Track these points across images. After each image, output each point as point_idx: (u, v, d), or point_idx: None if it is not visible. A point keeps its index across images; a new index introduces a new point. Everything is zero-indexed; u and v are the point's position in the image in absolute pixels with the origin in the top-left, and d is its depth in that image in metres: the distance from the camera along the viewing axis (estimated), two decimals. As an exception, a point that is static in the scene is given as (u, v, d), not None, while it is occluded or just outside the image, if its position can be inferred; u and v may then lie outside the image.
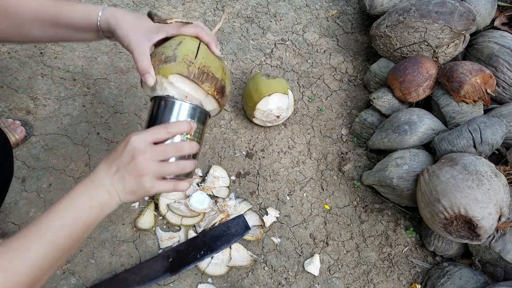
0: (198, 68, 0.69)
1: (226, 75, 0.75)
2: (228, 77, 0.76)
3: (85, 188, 0.62)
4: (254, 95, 1.30)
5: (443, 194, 1.01)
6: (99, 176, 0.63)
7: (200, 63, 0.69)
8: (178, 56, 0.68)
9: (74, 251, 0.72)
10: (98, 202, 0.62)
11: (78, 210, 0.60)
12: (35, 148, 1.25)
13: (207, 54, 0.72)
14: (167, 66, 0.68)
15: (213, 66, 0.71)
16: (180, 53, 0.68)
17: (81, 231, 0.61)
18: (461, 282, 1.07)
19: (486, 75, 1.22)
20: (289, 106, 1.34)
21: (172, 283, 1.07)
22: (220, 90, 0.72)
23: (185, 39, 0.71)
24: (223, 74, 0.73)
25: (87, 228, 0.62)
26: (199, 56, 0.70)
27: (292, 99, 1.35)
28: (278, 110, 1.30)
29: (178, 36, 0.72)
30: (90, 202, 0.61)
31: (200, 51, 0.70)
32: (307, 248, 1.19)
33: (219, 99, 0.73)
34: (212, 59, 0.72)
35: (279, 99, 1.29)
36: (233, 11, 1.76)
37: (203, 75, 0.69)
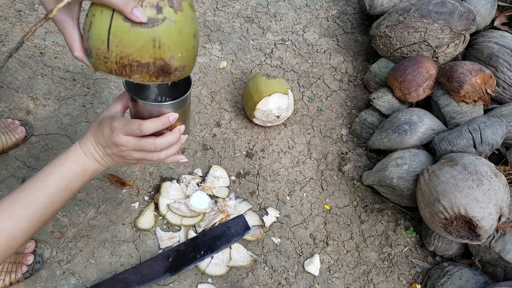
0: (116, 63, 0.55)
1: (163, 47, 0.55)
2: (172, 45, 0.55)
3: (77, 158, 0.70)
4: (254, 95, 1.30)
5: (443, 194, 1.01)
6: (89, 149, 0.71)
7: (116, 55, 0.54)
8: (92, 50, 0.56)
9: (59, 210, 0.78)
10: (91, 171, 0.71)
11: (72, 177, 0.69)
12: (35, 148, 1.25)
13: (124, 32, 0.53)
14: (90, 60, 0.59)
15: (135, 50, 0.54)
16: (92, 46, 0.55)
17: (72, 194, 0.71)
18: (461, 282, 1.07)
19: (486, 75, 1.23)
20: (289, 106, 1.34)
21: (172, 283, 1.07)
22: (159, 72, 0.57)
23: (94, 16, 0.54)
24: (156, 51, 0.54)
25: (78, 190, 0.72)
26: (112, 44, 0.53)
27: (292, 99, 1.35)
28: (278, 110, 1.30)
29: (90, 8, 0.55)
30: (84, 174, 0.70)
31: (112, 35, 0.53)
32: (307, 248, 1.19)
33: (166, 79, 0.59)
34: (133, 36, 0.53)
35: (279, 99, 1.29)
36: (233, 11, 1.76)
37: (125, 68, 0.55)
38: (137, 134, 0.66)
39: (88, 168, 0.70)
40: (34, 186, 0.67)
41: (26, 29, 1.51)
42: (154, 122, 0.65)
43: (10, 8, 1.55)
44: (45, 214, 0.67)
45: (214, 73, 1.55)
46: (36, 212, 0.66)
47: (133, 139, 0.67)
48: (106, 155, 0.71)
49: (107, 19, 0.52)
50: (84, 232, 1.12)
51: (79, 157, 0.70)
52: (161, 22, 0.53)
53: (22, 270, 1.00)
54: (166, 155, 0.71)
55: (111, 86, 1.44)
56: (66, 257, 1.08)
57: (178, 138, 0.70)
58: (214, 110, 1.45)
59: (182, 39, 0.56)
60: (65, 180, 0.68)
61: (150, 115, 0.66)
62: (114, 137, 0.67)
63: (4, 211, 0.64)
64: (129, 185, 1.22)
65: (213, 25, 1.70)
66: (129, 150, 0.68)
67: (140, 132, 0.65)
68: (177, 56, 0.57)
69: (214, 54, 1.61)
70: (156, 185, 1.24)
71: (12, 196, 0.65)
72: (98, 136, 0.69)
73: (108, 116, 0.70)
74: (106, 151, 0.70)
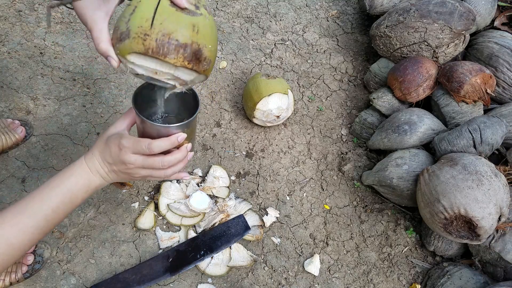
0: (155, 40, 0.57)
1: (200, 34, 0.60)
2: (206, 35, 0.61)
3: (83, 173, 0.71)
4: (254, 95, 1.30)
5: (443, 194, 1.01)
6: (95, 165, 0.71)
7: (158, 31, 0.57)
8: (131, 30, 0.58)
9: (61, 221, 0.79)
10: (95, 186, 0.72)
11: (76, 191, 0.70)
12: (35, 148, 1.25)
13: (170, 14, 0.58)
14: (122, 45, 0.59)
15: (177, 29, 0.58)
16: (133, 26, 0.58)
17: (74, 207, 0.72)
18: (461, 282, 1.07)
19: (486, 75, 1.22)
20: (289, 106, 1.34)
21: (172, 283, 1.07)
22: (193, 56, 0.60)
23: (140, 2, 0.59)
24: (194, 35, 0.59)
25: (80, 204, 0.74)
26: (156, 22, 0.57)
27: (292, 99, 1.35)
28: (278, 110, 1.30)
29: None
30: (88, 188, 0.71)
31: (158, 14, 0.57)
32: (307, 248, 1.19)
33: (195, 67, 0.61)
34: (177, 18, 0.58)
35: (279, 99, 1.29)
36: (233, 11, 1.76)
37: (163, 47, 0.58)
38: (146, 153, 0.68)
39: (93, 183, 0.72)
40: (40, 198, 0.68)
41: (26, 29, 1.51)
42: (163, 141, 0.67)
43: (10, 8, 1.55)
44: (47, 226, 0.68)
45: (214, 73, 1.55)
46: (39, 223, 0.67)
47: (141, 157, 0.68)
48: (111, 171, 0.72)
49: (154, 2, 0.58)
50: (84, 232, 1.12)
51: (85, 173, 0.71)
52: (199, 15, 0.61)
53: (22, 270, 1.00)
54: (173, 172, 0.73)
55: (111, 86, 1.44)
56: (66, 257, 1.08)
57: (185, 156, 0.72)
58: (214, 110, 1.45)
59: (212, 35, 0.63)
60: (69, 194, 0.69)
61: (159, 134, 0.68)
62: (122, 155, 0.68)
63: (9, 221, 0.65)
64: (129, 185, 1.22)
65: (213, 25, 1.70)
66: (137, 168, 0.70)
67: (149, 152, 0.67)
68: (208, 47, 0.62)
69: (214, 54, 1.60)
70: (156, 185, 1.24)
71: (17, 206, 0.66)
72: (105, 153, 0.70)
73: (116, 134, 0.71)
74: (112, 167, 0.71)
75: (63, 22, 1.56)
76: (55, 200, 0.68)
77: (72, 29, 1.55)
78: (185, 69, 0.61)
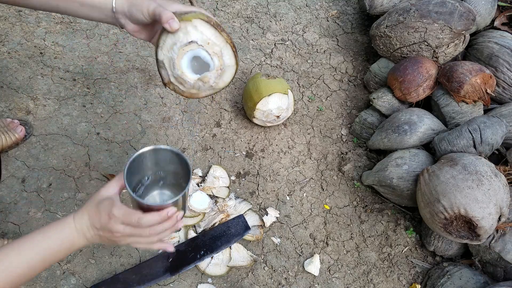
0: (215, 21, 0.73)
1: None
2: None
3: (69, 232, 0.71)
4: (254, 95, 1.30)
5: (443, 194, 1.01)
6: (82, 228, 0.72)
7: (215, 20, 0.74)
8: (197, 12, 0.73)
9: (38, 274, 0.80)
10: (77, 247, 0.73)
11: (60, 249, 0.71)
12: (35, 148, 1.25)
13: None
14: (189, 14, 0.73)
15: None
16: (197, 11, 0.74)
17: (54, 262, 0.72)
18: (461, 282, 1.07)
19: (486, 75, 1.22)
20: (289, 106, 1.34)
21: (172, 283, 1.07)
22: (234, 44, 0.76)
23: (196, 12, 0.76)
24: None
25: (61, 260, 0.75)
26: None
27: (292, 99, 1.35)
28: (278, 110, 1.30)
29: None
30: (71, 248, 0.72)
31: None
32: (307, 248, 1.19)
33: (235, 53, 0.76)
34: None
35: (279, 99, 1.29)
36: (233, 11, 1.76)
37: (220, 26, 0.74)
38: (135, 226, 0.69)
39: (77, 243, 0.72)
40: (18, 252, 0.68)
41: (26, 29, 1.51)
42: (154, 217, 0.69)
43: (10, 8, 1.55)
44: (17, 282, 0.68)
45: (214, 73, 1.55)
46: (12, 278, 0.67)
47: (130, 227, 0.69)
48: (97, 235, 0.72)
49: None
50: (84, 232, 1.12)
51: (71, 233, 0.71)
52: None
53: (22, 270, 1.00)
54: (158, 239, 0.74)
55: (111, 86, 1.44)
56: (66, 257, 1.08)
57: (173, 225, 0.72)
58: (214, 110, 1.45)
59: None
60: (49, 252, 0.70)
61: (150, 209, 0.70)
62: (111, 224, 0.69)
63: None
64: (129, 185, 1.22)
65: (213, 25, 1.70)
66: (123, 236, 0.71)
67: (138, 225, 0.68)
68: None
69: (214, 54, 1.60)
70: (156, 185, 1.24)
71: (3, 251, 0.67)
72: (94, 218, 0.71)
73: (108, 199, 0.71)
74: (98, 232, 0.72)
75: (63, 22, 1.56)
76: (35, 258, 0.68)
77: (72, 29, 1.55)
78: (230, 49, 0.74)
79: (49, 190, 1.18)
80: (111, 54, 1.52)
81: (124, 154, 1.29)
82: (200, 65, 0.76)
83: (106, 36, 1.56)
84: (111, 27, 1.59)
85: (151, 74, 1.49)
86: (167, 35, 0.73)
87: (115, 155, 1.28)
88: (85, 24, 1.57)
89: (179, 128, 1.38)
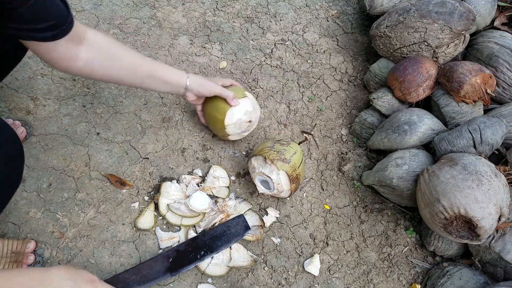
0: (296, 174, 1.14)
1: (302, 168, 1.19)
2: (302, 166, 1.20)
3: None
4: (217, 114, 1.21)
5: (443, 194, 1.01)
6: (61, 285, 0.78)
7: (298, 173, 1.15)
8: (291, 161, 1.13)
9: None
10: None
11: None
12: (35, 148, 1.25)
13: (302, 161, 1.19)
14: (284, 164, 1.12)
15: (302, 171, 1.19)
16: (293, 161, 1.14)
17: None
18: (461, 282, 1.07)
19: (486, 75, 1.23)
20: (255, 106, 1.27)
21: (172, 283, 1.07)
22: (296, 187, 1.17)
23: (296, 152, 1.16)
24: (303, 171, 1.20)
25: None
26: (300, 166, 1.16)
27: (254, 99, 1.28)
28: (247, 115, 1.24)
29: (293, 145, 1.18)
30: None
31: (302, 163, 1.18)
32: (307, 248, 1.19)
33: (292, 189, 1.16)
34: (303, 163, 1.21)
35: (242, 104, 1.22)
36: (233, 11, 1.76)
37: (295, 179, 1.14)
38: None
39: None
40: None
41: (26, 29, 1.50)
42: None
43: (10, 8, 1.55)
44: None
45: (214, 73, 1.55)
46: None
47: None
48: None
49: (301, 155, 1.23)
50: (84, 232, 1.12)
51: None
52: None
53: (22, 270, 1.00)
54: None
55: (111, 86, 1.44)
56: (66, 257, 1.08)
57: None
58: (214, 110, 1.45)
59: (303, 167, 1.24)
60: None
61: None
62: None
63: None
64: (129, 185, 1.22)
65: (213, 25, 1.70)
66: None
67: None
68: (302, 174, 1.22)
69: (214, 54, 1.61)
70: (156, 185, 1.24)
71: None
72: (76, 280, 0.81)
73: None
74: None
75: (63, 22, 1.56)
76: None
77: (72, 29, 1.54)
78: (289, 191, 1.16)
79: (49, 190, 1.18)
80: (111, 54, 1.52)
81: (124, 154, 1.29)
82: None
83: (106, 36, 1.56)
84: (111, 27, 1.60)
85: (151, 74, 1.49)
86: None
87: (115, 155, 1.28)
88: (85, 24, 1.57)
89: (179, 128, 1.38)
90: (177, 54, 1.57)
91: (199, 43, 1.63)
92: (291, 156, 1.13)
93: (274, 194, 1.19)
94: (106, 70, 0.98)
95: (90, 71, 0.95)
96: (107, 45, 0.96)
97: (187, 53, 1.59)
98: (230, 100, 1.16)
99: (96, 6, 1.64)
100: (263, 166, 1.15)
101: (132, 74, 1.02)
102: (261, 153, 1.14)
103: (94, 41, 0.93)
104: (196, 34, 1.65)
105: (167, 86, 1.10)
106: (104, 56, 0.96)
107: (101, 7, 1.64)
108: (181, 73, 1.12)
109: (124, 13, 1.65)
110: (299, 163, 1.16)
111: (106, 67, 0.97)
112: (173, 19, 1.68)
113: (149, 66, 1.04)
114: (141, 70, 1.03)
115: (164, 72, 1.08)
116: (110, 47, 0.97)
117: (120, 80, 1.03)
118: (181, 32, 1.65)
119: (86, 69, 0.94)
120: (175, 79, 1.10)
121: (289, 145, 1.17)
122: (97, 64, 0.95)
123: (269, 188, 1.19)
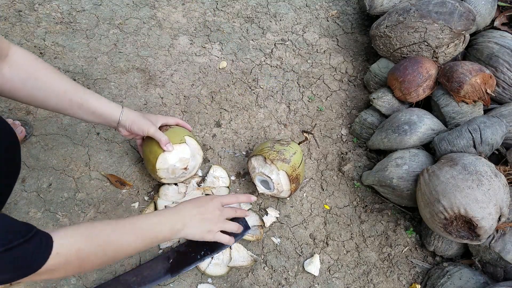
0: (296, 174, 1.15)
1: (302, 168, 1.19)
2: (302, 166, 1.20)
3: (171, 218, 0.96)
4: (150, 156, 1.12)
5: (443, 194, 1.01)
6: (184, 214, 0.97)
7: (298, 173, 1.16)
8: (291, 161, 1.14)
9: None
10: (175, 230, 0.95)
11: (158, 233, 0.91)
12: (35, 148, 1.25)
13: (302, 161, 1.19)
14: (284, 164, 1.12)
15: (302, 171, 1.20)
16: (293, 161, 1.15)
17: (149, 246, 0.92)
18: (461, 282, 1.07)
19: (486, 75, 1.23)
20: (194, 152, 1.18)
21: (172, 283, 1.07)
22: (296, 187, 1.18)
23: (296, 152, 1.17)
24: (303, 171, 1.21)
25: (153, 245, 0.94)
26: (300, 166, 1.17)
27: (195, 144, 1.18)
28: (182, 162, 1.14)
29: (293, 145, 1.19)
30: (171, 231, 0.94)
31: (302, 163, 1.19)
32: (307, 248, 1.19)
33: (292, 189, 1.17)
34: (303, 163, 1.21)
35: (177, 150, 1.12)
36: (233, 11, 1.76)
37: (295, 179, 1.15)
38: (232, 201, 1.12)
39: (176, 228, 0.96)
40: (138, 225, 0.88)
41: (26, 29, 1.51)
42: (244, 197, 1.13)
43: (10, 8, 1.55)
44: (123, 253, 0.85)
45: (214, 73, 1.55)
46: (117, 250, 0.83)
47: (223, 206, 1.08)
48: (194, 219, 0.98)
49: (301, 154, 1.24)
50: (84, 232, 1.12)
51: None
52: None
53: (22, 270, 1.00)
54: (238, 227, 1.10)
55: (111, 86, 1.44)
56: (66, 257, 1.07)
57: None
58: (214, 110, 1.45)
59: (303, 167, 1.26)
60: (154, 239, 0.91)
61: None
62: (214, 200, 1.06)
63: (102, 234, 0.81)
64: (129, 185, 1.22)
65: (213, 25, 1.70)
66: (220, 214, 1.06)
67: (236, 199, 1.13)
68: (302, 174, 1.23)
69: (214, 54, 1.61)
70: (155, 185, 1.24)
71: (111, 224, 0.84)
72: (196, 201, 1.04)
73: None
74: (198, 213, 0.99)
75: (63, 22, 1.56)
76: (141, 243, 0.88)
77: (72, 29, 1.55)
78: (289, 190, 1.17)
79: (49, 190, 1.18)
80: (111, 54, 1.52)
81: (124, 154, 1.29)
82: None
83: (106, 36, 1.56)
84: (111, 27, 1.59)
85: (151, 74, 1.49)
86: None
87: (115, 155, 1.28)
88: (85, 24, 1.57)
89: (179, 128, 1.38)
90: (177, 54, 1.57)
91: (199, 43, 1.63)
92: (291, 156, 1.14)
93: (274, 194, 1.19)
94: (29, 90, 0.91)
95: (10, 88, 0.89)
96: (34, 65, 0.91)
97: (187, 53, 1.59)
98: (162, 145, 1.07)
99: (96, 6, 1.64)
100: (263, 166, 1.15)
101: (59, 100, 0.95)
102: (261, 153, 1.14)
103: (17, 58, 0.88)
104: (196, 34, 1.65)
105: (98, 117, 1.03)
106: (27, 75, 0.90)
107: (101, 7, 1.64)
108: (116, 107, 1.04)
109: (124, 13, 1.65)
110: (299, 163, 1.16)
111: (30, 88, 0.91)
112: (173, 19, 1.68)
113: (81, 95, 0.98)
114: (71, 97, 0.96)
115: (97, 103, 1.01)
116: (37, 68, 0.92)
117: (45, 104, 0.96)
118: (181, 32, 1.65)
119: (5, 86, 0.88)
120: (108, 112, 1.03)
121: (289, 145, 1.17)
122: (18, 82, 0.89)
123: (269, 188, 1.19)
